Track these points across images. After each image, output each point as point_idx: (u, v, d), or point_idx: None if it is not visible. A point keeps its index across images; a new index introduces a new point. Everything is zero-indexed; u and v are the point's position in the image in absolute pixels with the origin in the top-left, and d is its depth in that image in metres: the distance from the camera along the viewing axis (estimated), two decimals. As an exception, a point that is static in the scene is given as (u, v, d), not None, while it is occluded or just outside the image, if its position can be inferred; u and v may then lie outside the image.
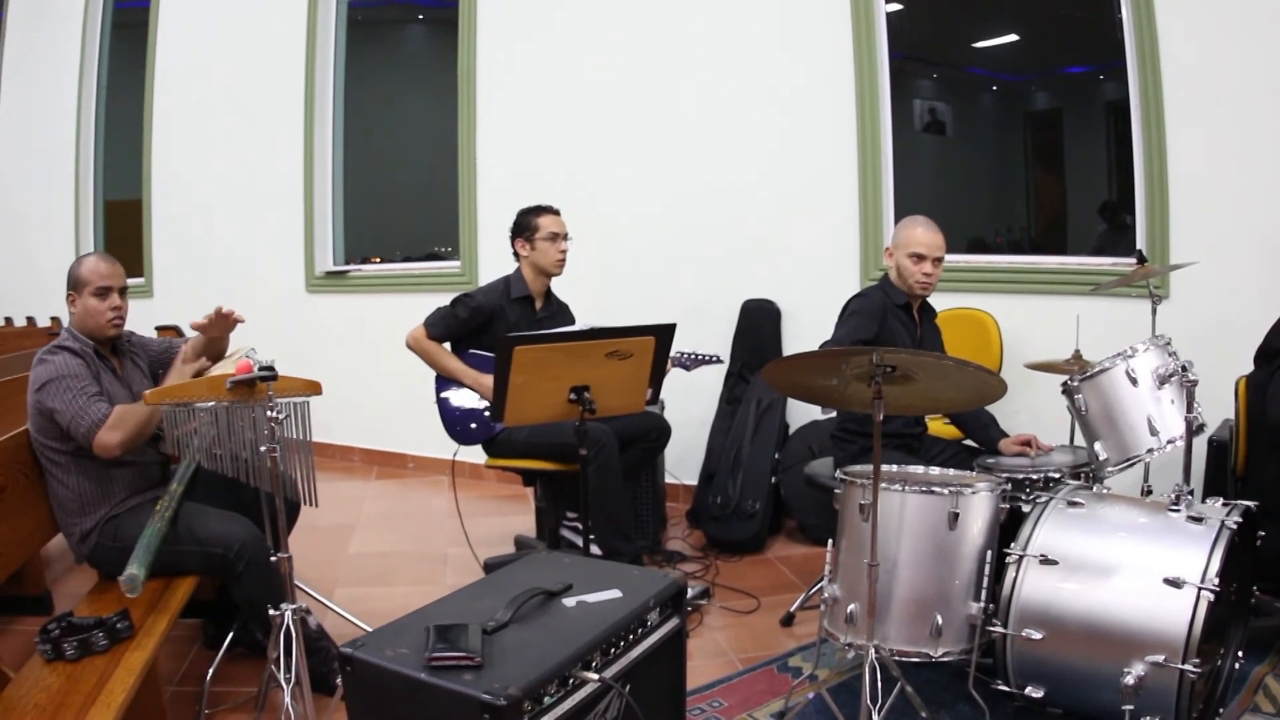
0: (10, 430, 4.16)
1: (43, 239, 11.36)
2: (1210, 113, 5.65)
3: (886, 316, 4.99)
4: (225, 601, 4.65)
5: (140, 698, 3.32)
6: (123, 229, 10.91)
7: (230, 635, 4.57)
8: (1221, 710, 3.83)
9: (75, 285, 4.24)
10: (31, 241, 11.58)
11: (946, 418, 5.87)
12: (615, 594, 2.80)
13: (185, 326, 8.12)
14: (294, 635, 3.72)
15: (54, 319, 9.80)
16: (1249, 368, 4.84)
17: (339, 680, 3.26)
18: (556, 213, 5.84)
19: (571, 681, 2.45)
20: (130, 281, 4.49)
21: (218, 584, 4.62)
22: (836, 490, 4.17)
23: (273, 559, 3.80)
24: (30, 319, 10.32)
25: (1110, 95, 6.47)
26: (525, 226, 5.79)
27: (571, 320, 6.01)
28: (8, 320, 10.75)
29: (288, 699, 3.64)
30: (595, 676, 2.48)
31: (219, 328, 4.45)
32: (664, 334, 4.61)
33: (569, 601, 2.76)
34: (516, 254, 5.86)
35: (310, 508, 4.12)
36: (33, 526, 4.15)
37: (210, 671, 4.33)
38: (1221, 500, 3.84)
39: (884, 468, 4.06)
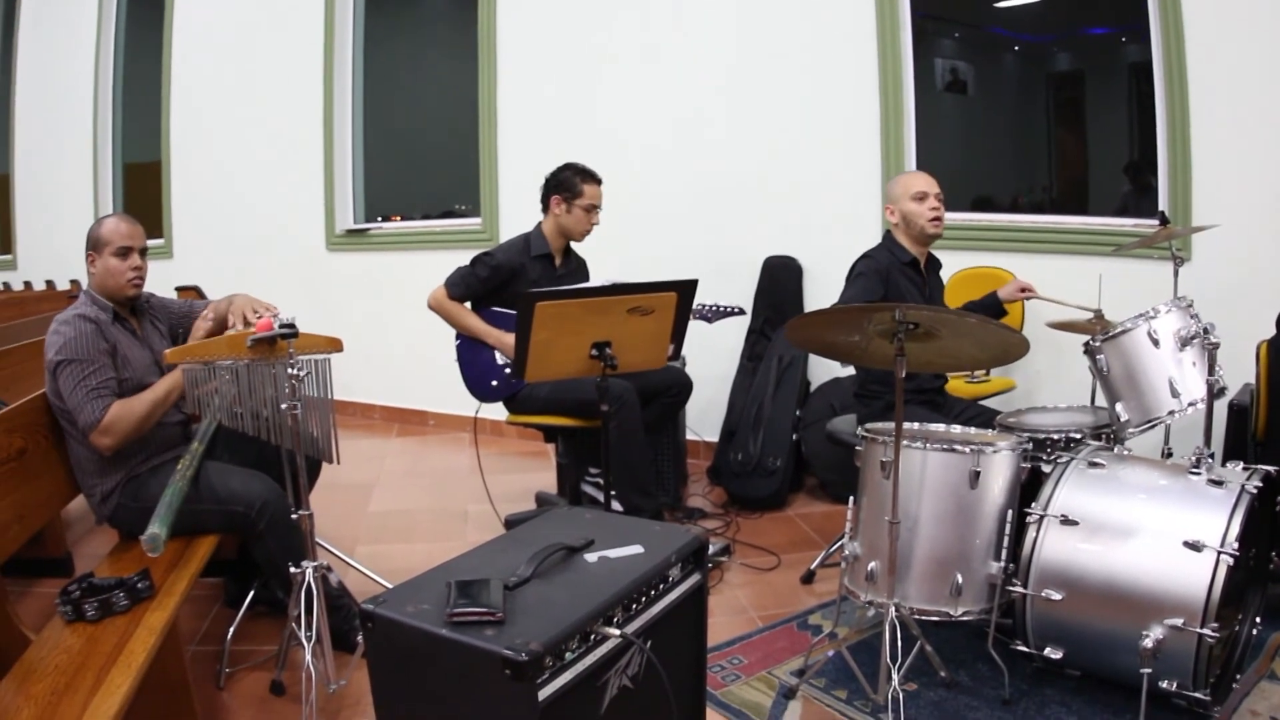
0: (30, 393, 4.16)
1: (62, 203, 11.36)
2: (1233, 75, 5.60)
3: (892, 275, 4.98)
4: (246, 560, 4.67)
5: (161, 657, 3.33)
6: (142, 191, 10.91)
7: (251, 594, 4.60)
8: (1238, 676, 3.82)
9: (95, 245, 4.22)
10: (50, 205, 11.58)
11: (967, 376, 5.88)
12: (637, 549, 2.80)
13: (205, 287, 8.20)
14: (315, 593, 3.74)
15: (73, 282, 9.84)
16: (1270, 332, 4.83)
17: (360, 638, 3.27)
18: (600, 183, 5.80)
19: (593, 637, 2.44)
20: (150, 243, 4.47)
21: (239, 543, 4.64)
22: (858, 447, 4.17)
23: (294, 517, 3.82)
24: (49, 282, 10.36)
25: (1133, 57, 6.44)
26: (569, 186, 5.73)
27: (587, 277, 6.01)
28: (27, 284, 10.79)
29: (308, 657, 3.65)
30: (617, 632, 2.48)
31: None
32: (686, 290, 4.59)
33: (590, 557, 2.76)
34: (547, 208, 5.82)
35: (331, 465, 4.13)
36: (53, 488, 4.16)
37: (231, 630, 4.36)
38: (1242, 464, 3.82)
39: (906, 425, 4.05)
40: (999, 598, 3.86)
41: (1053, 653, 3.76)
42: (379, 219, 9.71)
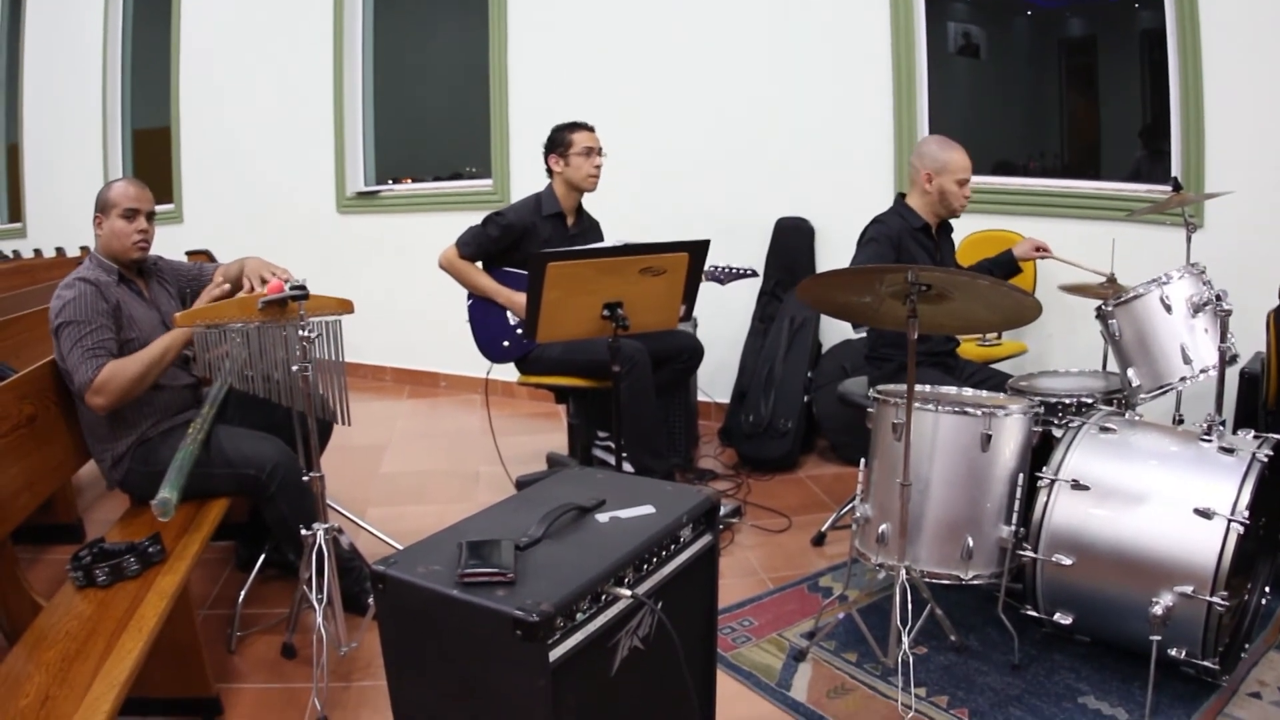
0: (40, 360, 4.16)
1: (71, 170, 11.32)
2: (1247, 41, 5.56)
3: (904, 240, 4.99)
4: (257, 523, 4.69)
5: (172, 621, 3.33)
6: (151, 158, 10.89)
7: (262, 557, 4.62)
8: (1247, 645, 3.83)
9: (103, 208, 4.22)
10: (60, 173, 11.56)
11: (978, 339, 5.87)
12: (648, 510, 2.79)
13: (216, 251, 8.20)
14: (326, 555, 3.75)
15: (83, 249, 9.85)
16: (1275, 301, 4.81)
17: (371, 600, 3.27)
18: (591, 129, 5.81)
19: (604, 598, 2.44)
20: (160, 208, 4.48)
21: (250, 506, 4.66)
22: (870, 409, 4.18)
23: (305, 479, 3.82)
24: (59, 250, 10.36)
25: (1145, 23, 6.40)
26: (559, 142, 5.76)
27: (601, 237, 6.01)
28: (36, 252, 10.80)
29: (320, 619, 3.67)
30: (628, 593, 2.47)
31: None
32: (698, 250, 4.59)
33: (602, 517, 2.75)
34: (550, 170, 5.83)
35: (342, 427, 4.14)
36: (64, 454, 4.17)
37: (242, 594, 4.38)
38: (1253, 433, 3.81)
39: (918, 387, 4.05)
40: (1009, 562, 3.86)
41: (1062, 618, 3.76)
42: (389, 181, 9.70)
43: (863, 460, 4.15)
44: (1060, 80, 7.41)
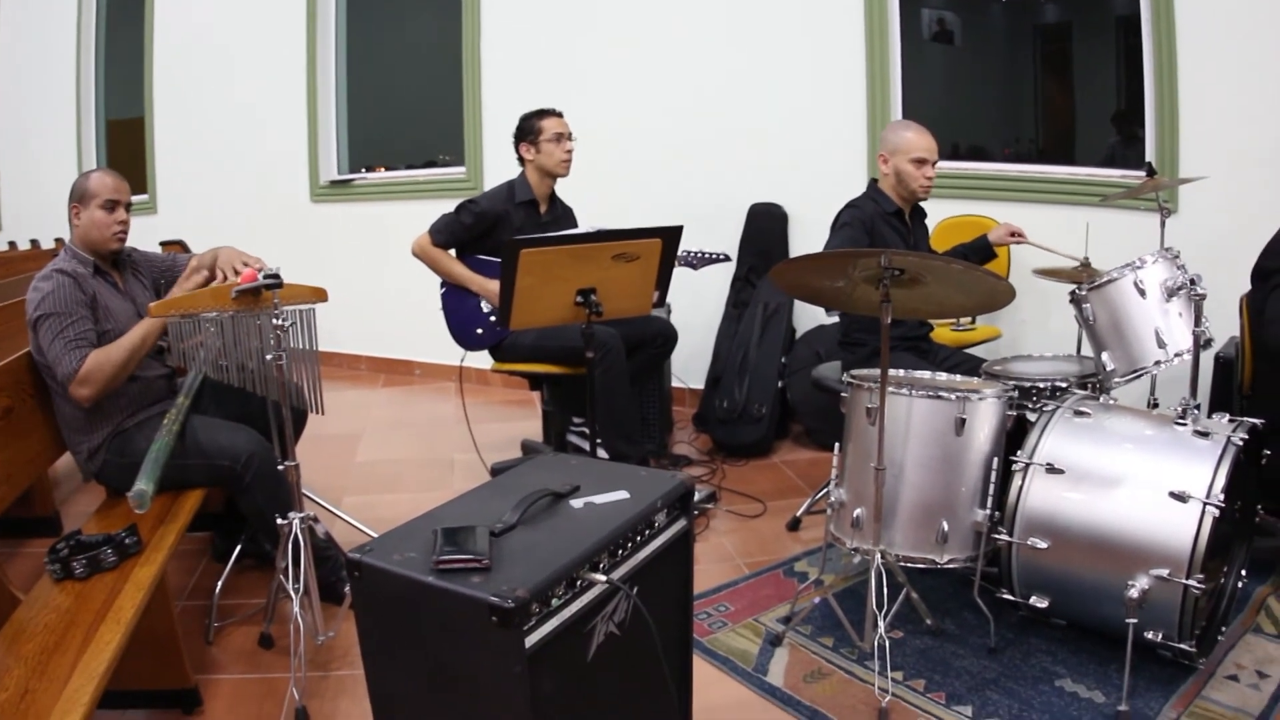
0: (15, 353, 4.14)
1: (45, 162, 11.23)
2: (1222, 28, 5.58)
3: (876, 225, 4.99)
4: (234, 514, 4.67)
5: (150, 613, 3.32)
6: (125, 148, 10.84)
7: (238, 547, 4.60)
8: (1224, 628, 3.84)
9: (81, 198, 4.19)
10: (34, 165, 11.45)
11: (952, 324, 5.88)
12: (623, 495, 2.79)
13: (190, 241, 8.16)
14: (302, 544, 3.74)
15: (58, 240, 9.78)
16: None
17: (347, 589, 3.26)
18: (559, 115, 5.82)
19: (579, 583, 2.44)
20: (134, 198, 4.45)
21: (226, 496, 4.64)
22: (843, 394, 4.17)
23: (280, 468, 3.82)
24: (34, 241, 10.29)
25: (1121, 9, 6.41)
26: (529, 130, 5.77)
27: (574, 224, 6.01)
28: (11, 244, 10.73)
29: (296, 609, 3.66)
30: (603, 578, 2.47)
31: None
32: (671, 236, 4.59)
33: (576, 503, 2.74)
34: (521, 158, 5.83)
35: (317, 416, 4.13)
36: (40, 447, 4.16)
37: (219, 584, 4.36)
38: (1228, 416, 3.82)
39: (891, 372, 4.05)
40: (985, 545, 3.87)
41: (1038, 601, 3.78)
42: (363, 170, 9.69)
43: (837, 445, 4.15)
44: (1035, 66, 7.42)
